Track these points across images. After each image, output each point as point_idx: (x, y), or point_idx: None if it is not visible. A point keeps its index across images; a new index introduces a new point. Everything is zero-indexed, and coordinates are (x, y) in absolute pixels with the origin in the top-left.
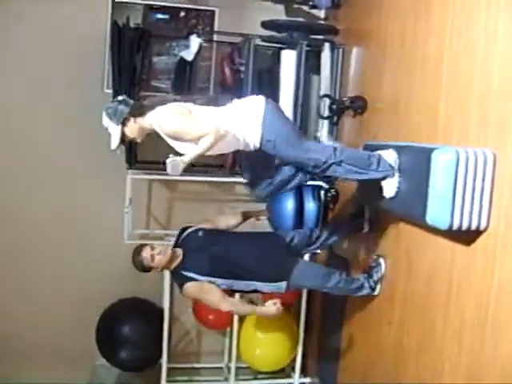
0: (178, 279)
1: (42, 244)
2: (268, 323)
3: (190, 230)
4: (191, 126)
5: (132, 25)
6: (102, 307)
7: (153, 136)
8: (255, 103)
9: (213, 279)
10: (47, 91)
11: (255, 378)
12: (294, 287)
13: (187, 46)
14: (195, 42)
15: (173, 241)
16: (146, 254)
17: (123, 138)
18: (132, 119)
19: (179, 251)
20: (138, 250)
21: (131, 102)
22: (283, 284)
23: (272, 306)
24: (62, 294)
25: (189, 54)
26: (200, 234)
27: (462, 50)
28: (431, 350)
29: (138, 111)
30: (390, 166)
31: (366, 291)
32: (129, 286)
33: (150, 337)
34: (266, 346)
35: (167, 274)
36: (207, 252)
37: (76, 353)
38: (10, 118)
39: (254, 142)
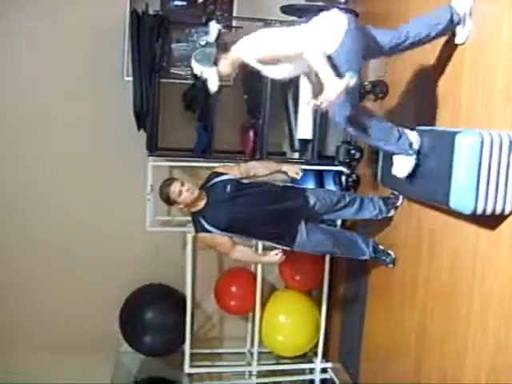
0: (197, 225)
1: (65, 232)
2: (290, 308)
3: (218, 179)
4: (284, 43)
5: (151, 12)
6: (125, 294)
7: (172, 123)
8: (337, 19)
9: (229, 234)
10: (68, 81)
11: (277, 363)
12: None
13: (206, 33)
14: (214, 28)
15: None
16: (174, 187)
17: (220, 77)
18: (222, 57)
19: (204, 195)
20: (168, 182)
21: (213, 41)
22: (294, 247)
23: (274, 256)
24: (85, 282)
25: (208, 40)
26: (227, 189)
27: (486, 31)
28: (455, 336)
29: (225, 48)
30: (411, 145)
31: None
32: (151, 272)
33: (173, 322)
34: (287, 332)
35: (189, 260)
36: (229, 210)
37: (100, 340)
38: (32, 107)
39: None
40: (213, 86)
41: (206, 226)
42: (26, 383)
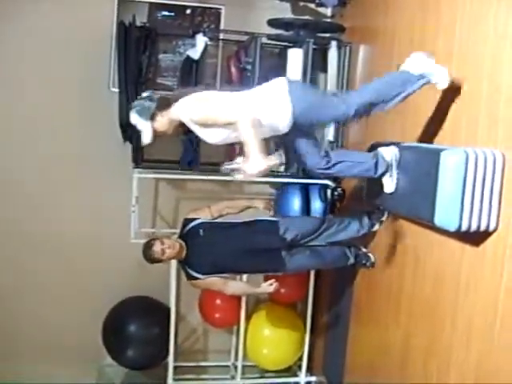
0: (185, 272)
1: (49, 243)
2: (275, 322)
3: (191, 225)
4: (220, 109)
5: (138, 23)
6: (109, 306)
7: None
8: (277, 83)
9: (215, 276)
10: (53, 90)
11: (262, 377)
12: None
13: (193, 45)
14: (201, 40)
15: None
16: (156, 248)
17: (155, 133)
18: (159, 113)
19: (183, 244)
20: (149, 244)
21: (156, 97)
22: (280, 273)
23: (268, 287)
24: (68, 294)
25: (195, 53)
26: (201, 232)
27: (471, 48)
28: (439, 352)
29: (165, 105)
30: (388, 163)
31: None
32: (135, 284)
33: (156, 335)
34: (272, 345)
35: (173, 272)
36: (208, 255)
37: (83, 352)
38: (18, 117)
39: (284, 122)
40: (145, 139)
41: (193, 273)
42: None
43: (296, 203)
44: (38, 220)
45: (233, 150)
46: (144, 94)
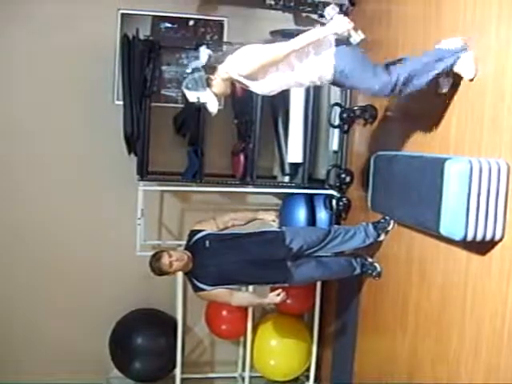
0: (192, 285)
1: (55, 255)
2: (281, 333)
3: (197, 237)
4: (267, 54)
5: (141, 36)
6: (115, 318)
7: (163, 148)
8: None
9: (222, 287)
10: (58, 105)
11: None
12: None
13: (196, 57)
14: (205, 53)
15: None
16: (165, 260)
17: (218, 98)
18: (212, 77)
19: (190, 256)
20: (157, 257)
21: (199, 66)
22: (286, 284)
23: (275, 297)
24: (75, 306)
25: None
26: (207, 244)
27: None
28: (447, 360)
29: (212, 68)
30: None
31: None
32: (141, 296)
33: (163, 347)
34: (279, 356)
35: (180, 284)
36: (214, 266)
37: (90, 365)
38: (22, 132)
39: (325, 74)
40: (213, 107)
41: (199, 284)
42: None
43: (301, 213)
44: (44, 234)
45: (238, 161)
46: (188, 70)
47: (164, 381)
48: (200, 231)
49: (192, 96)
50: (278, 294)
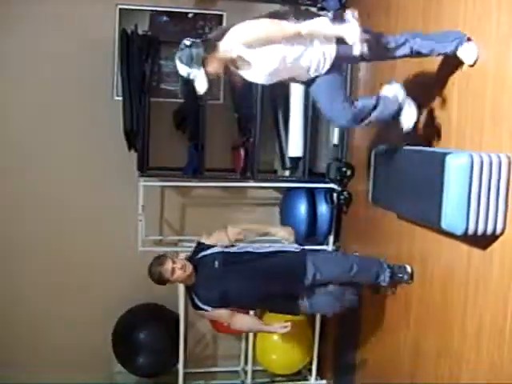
0: (191, 301)
1: (56, 251)
2: None
3: (206, 253)
4: (273, 25)
5: (140, 32)
6: (118, 314)
7: (163, 143)
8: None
9: (223, 309)
10: (57, 101)
11: (272, 381)
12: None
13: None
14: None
15: (188, 250)
16: (167, 266)
17: (208, 78)
18: (209, 56)
19: (193, 271)
20: (160, 261)
21: (198, 41)
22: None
23: (279, 329)
24: (77, 302)
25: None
26: (216, 264)
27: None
28: (449, 356)
29: (212, 46)
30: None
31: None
32: (143, 292)
33: (166, 342)
34: (281, 349)
35: None
36: (220, 288)
37: (93, 360)
38: (21, 129)
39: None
40: (201, 87)
41: (200, 304)
42: None
43: (302, 207)
44: (44, 231)
45: (238, 156)
46: (186, 43)
47: (167, 375)
48: (210, 247)
49: (183, 70)
50: (286, 327)
